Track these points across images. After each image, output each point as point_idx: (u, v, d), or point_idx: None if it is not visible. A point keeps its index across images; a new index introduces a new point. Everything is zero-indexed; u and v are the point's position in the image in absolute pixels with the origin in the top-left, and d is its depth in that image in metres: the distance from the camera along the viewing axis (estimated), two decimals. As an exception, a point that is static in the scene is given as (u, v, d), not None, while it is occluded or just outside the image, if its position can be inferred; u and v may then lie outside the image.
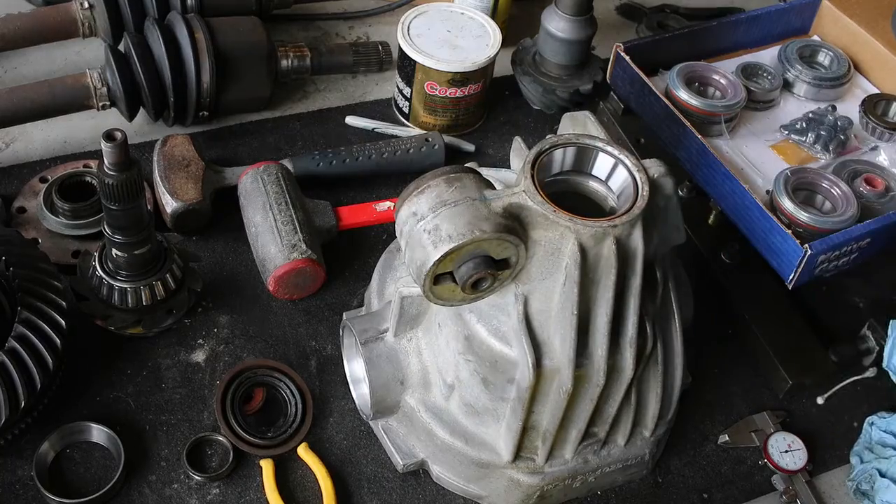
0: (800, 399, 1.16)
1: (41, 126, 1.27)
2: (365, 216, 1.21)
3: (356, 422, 1.06)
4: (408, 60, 1.32)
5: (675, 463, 1.08)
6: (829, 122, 1.30)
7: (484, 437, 0.96)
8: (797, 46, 1.42)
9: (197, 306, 1.13)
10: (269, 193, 1.15)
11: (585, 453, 0.99)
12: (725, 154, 1.28)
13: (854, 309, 1.25)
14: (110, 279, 1.03)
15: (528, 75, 1.41)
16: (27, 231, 1.14)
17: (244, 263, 1.18)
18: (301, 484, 1.01)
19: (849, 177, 1.24)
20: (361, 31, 1.55)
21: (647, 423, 1.00)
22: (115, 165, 0.92)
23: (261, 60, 1.30)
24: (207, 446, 1.02)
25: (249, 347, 1.10)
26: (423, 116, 1.37)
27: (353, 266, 1.20)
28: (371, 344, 0.99)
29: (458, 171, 0.86)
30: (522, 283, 0.87)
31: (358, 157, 1.26)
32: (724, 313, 1.20)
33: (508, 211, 0.83)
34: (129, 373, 1.06)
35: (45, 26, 1.30)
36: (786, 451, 1.08)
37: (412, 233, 0.84)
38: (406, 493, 1.02)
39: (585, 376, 0.89)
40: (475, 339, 0.91)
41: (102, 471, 0.98)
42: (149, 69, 1.21)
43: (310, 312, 1.15)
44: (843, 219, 1.16)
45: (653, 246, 0.90)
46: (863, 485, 1.04)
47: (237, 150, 1.32)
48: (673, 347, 0.98)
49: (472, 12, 1.38)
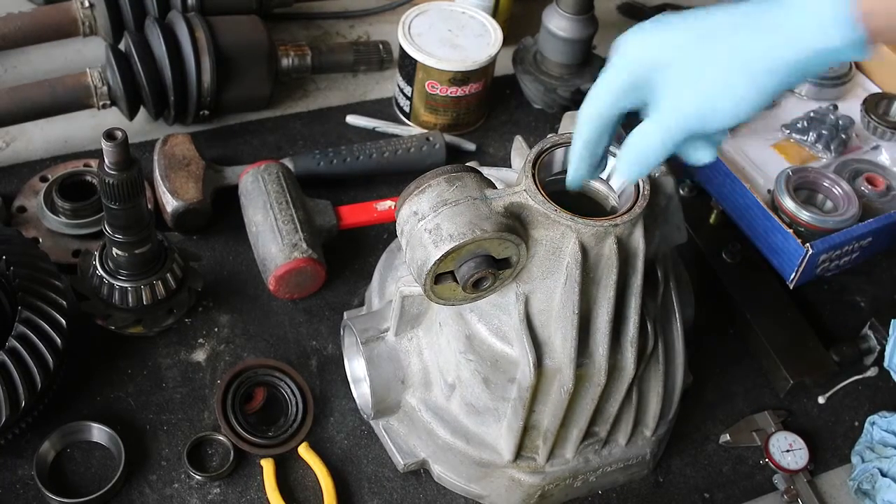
0: (801, 398, 1.15)
1: (41, 125, 1.27)
2: (366, 215, 1.21)
3: (357, 421, 1.06)
4: (408, 59, 1.32)
5: (677, 462, 1.08)
6: (830, 122, 1.30)
7: (485, 437, 0.96)
8: (798, 45, 1.41)
9: (197, 306, 1.12)
10: (270, 193, 1.15)
11: (586, 453, 0.98)
12: (727, 153, 1.28)
13: (855, 308, 1.25)
14: (111, 278, 1.03)
15: (529, 74, 1.41)
16: (27, 230, 1.14)
17: (245, 263, 1.18)
18: (302, 483, 1.01)
19: (850, 176, 1.24)
20: (362, 30, 1.54)
21: (649, 422, 1.00)
22: (116, 165, 0.92)
23: (261, 59, 1.30)
24: (208, 446, 1.02)
25: (250, 347, 1.10)
26: (424, 115, 1.37)
27: (354, 265, 1.20)
28: (372, 343, 0.98)
29: (458, 170, 0.86)
30: (523, 282, 0.87)
31: (359, 156, 1.26)
32: (725, 313, 1.20)
33: (509, 210, 0.83)
34: (130, 372, 1.06)
35: (45, 25, 1.30)
36: (787, 450, 1.08)
37: (413, 232, 0.83)
38: (407, 492, 1.02)
39: (586, 376, 0.89)
40: (476, 338, 0.91)
41: (103, 470, 0.98)
42: (149, 68, 1.21)
43: (310, 312, 1.15)
44: (845, 218, 1.16)
45: (654, 245, 0.90)
46: (864, 484, 1.04)
47: (238, 149, 1.32)
48: (674, 347, 0.98)
49: (472, 11, 1.38)
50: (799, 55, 0.66)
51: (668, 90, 0.70)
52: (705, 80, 0.68)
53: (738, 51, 0.68)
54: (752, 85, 0.68)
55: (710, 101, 0.69)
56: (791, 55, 0.66)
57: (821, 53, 0.66)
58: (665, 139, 0.72)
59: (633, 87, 0.72)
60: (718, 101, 0.68)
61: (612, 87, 0.73)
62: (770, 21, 0.67)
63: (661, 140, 0.72)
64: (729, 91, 0.68)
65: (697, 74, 0.69)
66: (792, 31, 0.66)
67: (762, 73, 0.67)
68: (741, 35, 0.68)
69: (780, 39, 0.66)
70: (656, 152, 0.73)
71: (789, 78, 0.68)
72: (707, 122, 0.69)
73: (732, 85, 0.68)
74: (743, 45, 0.68)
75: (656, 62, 0.70)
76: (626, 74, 0.72)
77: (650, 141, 0.73)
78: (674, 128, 0.71)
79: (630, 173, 0.76)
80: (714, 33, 0.69)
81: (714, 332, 1.19)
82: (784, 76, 0.68)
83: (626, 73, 0.72)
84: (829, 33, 0.65)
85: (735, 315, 1.19)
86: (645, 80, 0.71)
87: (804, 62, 0.67)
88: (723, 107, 0.68)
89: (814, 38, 0.65)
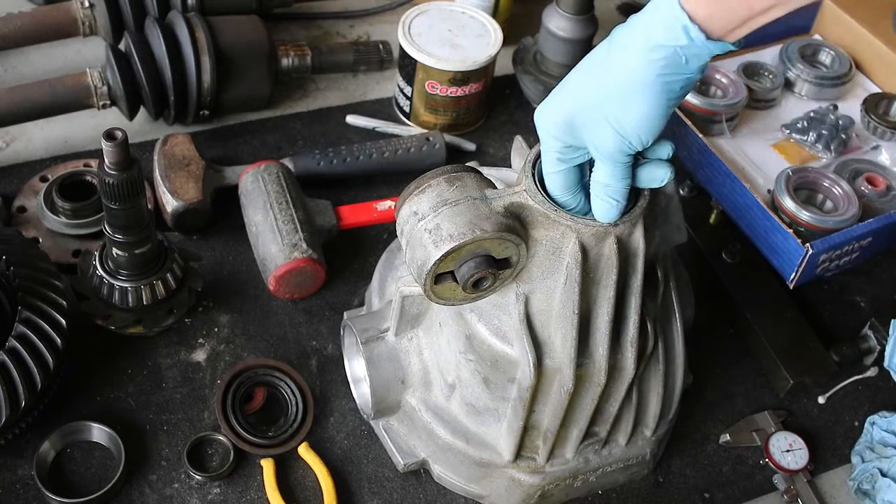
0: (801, 398, 1.15)
1: (41, 125, 1.27)
2: (366, 215, 1.21)
3: (357, 421, 1.06)
4: (408, 59, 1.32)
5: (677, 462, 1.08)
6: (830, 122, 1.30)
7: (485, 437, 0.96)
8: (798, 45, 1.41)
9: (197, 306, 1.12)
10: (270, 193, 1.15)
11: (586, 453, 0.98)
12: (727, 153, 1.28)
13: (855, 308, 1.25)
14: (111, 278, 1.03)
15: (529, 74, 1.41)
16: (27, 230, 1.14)
17: (245, 263, 1.18)
18: (302, 483, 1.01)
19: (850, 176, 1.24)
20: (362, 29, 1.54)
21: (649, 422, 1.00)
22: (116, 164, 0.92)
23: (261, 59, 1.30)
24: (208, 446, 1.02)
25: (250, 347, 1.10)
26: (424, 115, 1.37)
27: (354, 265, 1.20)
28: (372, 343, 0.98)
29: (458, 170, 0.86)
30: (523, 282, 0.87)
31: (359, 156, 1.26)
32: (725, 313, 1.20)
33: (509, 210, 0.83)
34: (130, 372, 1.06)
35: (45, 25, 1.30)
36: (787, 450, 1.08)
37: (413, 232, 0.83)
38: (407, 492, 1.02)
39: (586, 376, 0.89)
40: (476, 338, 0.91)
41: (103, 470, 0.98)
42: (149, 68, 1.21)
43: (310, 312, 1.15)
44: (845, 218, 1.16)
45: (654, 245, 0.90)
46: (864, 484, 1.04)
47: (238, 149, 1.32)
48: (674, 347, 0.98)
49: (472, 11, 1.38)
50: (661, 59, 0.73)
51: (589, 136, 0.79)
52: (606, 116, 0.77)
53: (612, 81, 0.76)
54: (640, 100, 0.75)
55: (622, 130, 0.77)
56: (654, 61, 0.74)
57: (674, 50, 0.73)
58: (611, 170, 0.80)
59: (566, 147, 0.81)
60: (626, 126, 0.76)
61: (555, 157, 0.82)
62: (624, 40, 0.76)
63: (609, 169, 0.80)
64: (627, 114, 0.76)
65: (598, 115, 0.77)
66: (644, 42, 0.74)
67: (640, 86, 0.75)
68: (608, 67, 0.77)
69: (639, 52, 0.74)
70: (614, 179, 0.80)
71: (670, 81, 0.75)
72: (629, 144, 0.78)
73: (627, 109, 0.76)
74: (613, 74, 0.76)
75: (569, 123, 0.80)
76: (556, 142, 0.81)
77: (602, 174, 0.81)
78: (611, 156, 0.79)
79: (606, 211, 0.82)
80: (589, 79, 0.78)
81: (714, 332, 1.19)
82: (662, 82, 0.74)
83: (555, 141, 0.81)
84: (674, 34, 0.72)
85: (735, 315, 1.19)
86: (573, 138, 0.80)
87: (666, 63, 0.74)
88: (633, 128, 0.76)
89: (665, 39, 0.73)
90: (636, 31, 0.75)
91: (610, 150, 0.78)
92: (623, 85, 0.75)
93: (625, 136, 0.77)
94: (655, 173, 0.82)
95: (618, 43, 0.76)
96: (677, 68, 0.74)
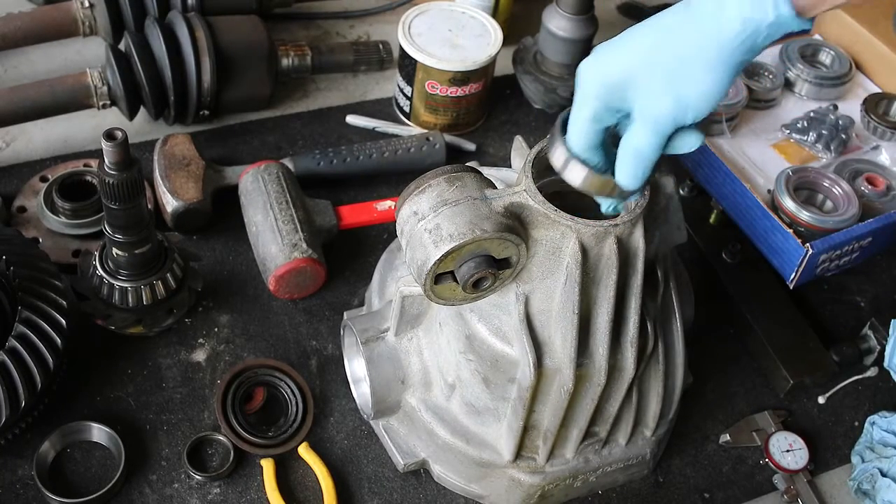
0: (801, 398, 1.15)
1: (41, 125, 1.27)
2: (366, 215, 1.21)
3: (357, 421, 1.06)
4: (408, 59, 1.32)
5: (677, 462, 1.08)
6: (830, 122, 1.30)
7: (485, 437, 0.96)
8: (798, 45, 1.41)
9: (197, 306, 1.12)
10: (270, 193, 1.15)
11: (586, 453, 0.98)
12: (726, 153, 1.28)
13: (855, 308, 1.25)
14: (111, 278, 1.03)
15: (530, 74, 1.41)
16: (27, 230, 1.14)
17: (245, 263, 1.18)
18: (302, 483, 1.01)
19: (850, 176, 1.24)
20: (362, 29, 1.54)
21: (649, 422, 1.00)
22: (116, 165, 0.92)
23: (261, 59, 1.30)
24: (208, 446, 1.02)
25: (250, 347, 1.10)
26: (424, 115, 1.37)
27: (354, 265, 1.20)
28: (372, 343, 0.98)
29: (458, 170, 0.86)
30: (523, 282, 0.87)
31: (359, 156, 1.26)
32: (725, 313, 1.20)
33: (509, 210, 0.83)
34: (130, 372, 1.06)
35: (45, 25, 1.30)
36: (787, 450, 1.08)
37: (413, 232, 0.83)
38: (407, 492, 1.02)
39: (586, 376, 0.89)
40: (476, 338, 0.91)
41: (103, 470, 0.98)
42: (149, 68, 1.21)
43: (310, 312, 1.15)
44: (845, 218, 1.16)
45: (654, 245, 0.90)
46: (864, 484, 1.04)
47: (238, 149, 1.32)
48: (674, 347, 0.98)
49: (472, 11, 1.38)
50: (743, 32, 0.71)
51: (642, 101, 0.76)
52: (671, 83, 0.74)
53: (686, 49, 0.73)
54: (711, 72, 0.73)
55: (682, 100, 0.74)
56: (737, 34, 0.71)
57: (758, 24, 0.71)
58: (653, 139, 0.77)
59: (607, 108, 0.78)
60: (689, 97, 0.74)
61: (589, 114, 0.78)
62: (709, 7, 0.73)
63: (650, 138, 0.77)
64: (693, 85, 0.74)
65: (662, 81, 0.74)
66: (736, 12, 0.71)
67: (714, 59, 0.72)
68: (684, 33, 0.74)
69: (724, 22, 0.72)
70: (651, 148, 0.77)
71: (743, 58, 0.73)
72: (685, 116, 0.75)
73: (695, 80, 0.73)
74: (689, 42, 0.74)
75: (622, 82, 0.76)
76: (597, 101, 0.77)
77: (641, 142, 0.77)
78: (660, 125, 0.76)
79: (633, 178, 0.79)
80: (662, 41, 0.75)
81: (714, 332, 1.19)
82: (737, 57, 0.73)
83: (597, 100, 0.77)
84: (763, 7, 0.70)
85: (735, 315, 1.19)
86: (619, 99, 0.77)
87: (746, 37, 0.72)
88: (695, 100, 0.74)
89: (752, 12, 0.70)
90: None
91: (662, 118, 0.75)
92: (698, 53, 0.72)
93: (684, 108, 0.74)
94: (687, 140, 0.78)
95: (699, 10, 0.73)
96: (754, 44, 0.72)
